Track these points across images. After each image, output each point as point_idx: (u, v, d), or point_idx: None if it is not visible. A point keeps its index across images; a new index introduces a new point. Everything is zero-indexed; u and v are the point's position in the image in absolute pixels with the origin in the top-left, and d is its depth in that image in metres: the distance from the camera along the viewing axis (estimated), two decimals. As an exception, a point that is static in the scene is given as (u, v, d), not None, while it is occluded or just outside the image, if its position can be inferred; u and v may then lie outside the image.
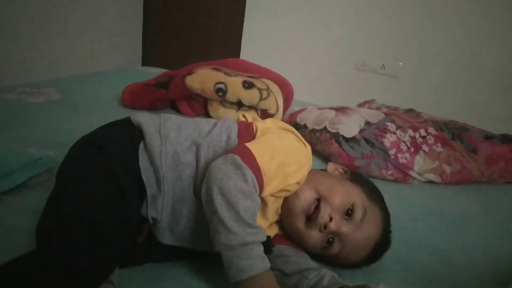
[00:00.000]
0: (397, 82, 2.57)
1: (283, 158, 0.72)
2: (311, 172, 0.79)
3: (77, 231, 0.59)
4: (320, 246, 0.73)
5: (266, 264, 0.62)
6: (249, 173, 0.65)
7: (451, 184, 1.29)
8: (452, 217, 1.09)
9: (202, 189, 0.66)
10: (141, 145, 0.72)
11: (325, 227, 0.71)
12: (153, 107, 1.52)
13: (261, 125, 0.82)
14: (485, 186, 1.32)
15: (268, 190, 0.69)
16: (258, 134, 0.79)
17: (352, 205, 0.73)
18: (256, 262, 0.61)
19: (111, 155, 0.70)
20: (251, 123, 0.83)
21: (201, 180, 0.69)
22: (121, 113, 1.44)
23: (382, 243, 0.76)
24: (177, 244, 0.71)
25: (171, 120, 0.79)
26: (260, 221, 0.72)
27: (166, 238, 0.70)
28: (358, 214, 0.73)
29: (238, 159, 0.66)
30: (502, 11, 2.24)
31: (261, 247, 0.63)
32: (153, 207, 0.68)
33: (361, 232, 0.73)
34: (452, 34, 2.38)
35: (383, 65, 2.59)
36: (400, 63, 2.55)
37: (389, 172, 1.24)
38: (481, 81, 2.37)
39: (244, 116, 0.89)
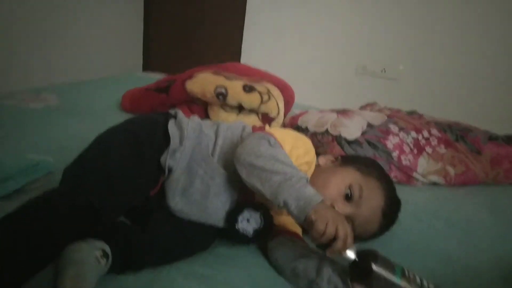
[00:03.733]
0: (398, 86, 2.56)
1: (293, 141, 0.83)
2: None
3: (92, 175, 0.70)
4: None
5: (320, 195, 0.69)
6: (272, 139, 0.77)
7: (455, 185, 1.27)
8: (457, 219, 1.07)
9: (238, 167, 0.74)
10: (172, 119, 0.85)
11: None
12: (153, 112, 1.51)
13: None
14: (489, 187, 1.31)
15: None
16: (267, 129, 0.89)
17: (349, 188, 0.81)
18: (316, 192, 0.68)
19: (141, 124, 0.84)
20: (262, 126, 0.95)
21: (219, 153, 0.81)
22: (121, 119, 1.41)
23: (390, 207, 0.83)
24: (184, 210, 0.77)
25: None
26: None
27: (176, 201, 0.77)
28: (355, 193, 0.80)
29: (259, 133, 0.79)
30: (504, 13, 2.23)
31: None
32: (172, 157, 0.78)
33: (364, 208, 0.80)
34: (454, 37, 2.37)
35: (384, 68, 2.58)
36: (401, 67, 2.54)
37: (393, 174, 1.22)
38: (483, 82, 2.35)
39: None
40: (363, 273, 0.66)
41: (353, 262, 0.67)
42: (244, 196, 0.81)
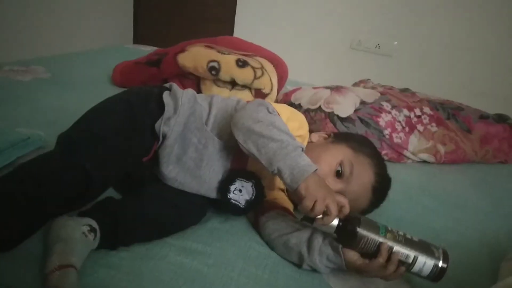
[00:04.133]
0: (392, 62, 2.55)
1: (289, 114, 0.84)
2: None
3: (85, 139, 0.72)
4: None
5: (315, 165, 0.69)
6: (271, 106, 0.77)
7: (445, 163, 1.29)
8: (446, 197, 1.09)
9: (235, 132, 0.73)
10: (166, 91, 0.85)
11: None
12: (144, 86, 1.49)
13: None
14: (478, 165, 1.33)
15: None
16: None
17: (340, 164, 0.82)
18: (310, 161, 0.68)
19: (135, 93, 0.85)
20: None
21: (212, 122, 0.82)
22: (111, 92, 1.39)
23: (380, 184, 0.84)
24: (178, 178, 0.78)
25: None
26: (269, 180, 0.83)
27: (170, 169, 0.78)
28: (346, 170, 0.81)
29: (258, 100, 0.79)
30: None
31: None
32: (167, 123, 0.79)
33: (354, 184, 0.81)
34: (448, 13, 2.35)
35: (378, 44, 2.56)
36: (395, 43, 2.52)
37: (384, 152, 1.23)
38: (477, 60, 2.35)
39: None
40: (349, 237, 0.68)
41: (338, 228, 0.68)
42: (237, 165, 0.81)
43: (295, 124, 0.84)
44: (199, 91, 1.47)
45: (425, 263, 0.67)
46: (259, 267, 0.70)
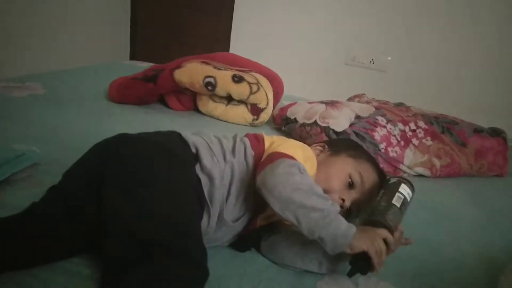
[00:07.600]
0: (386, 77, 2.58)
1: (303, 156, 0.81)
2: None
3: (185, 240, 0.63)
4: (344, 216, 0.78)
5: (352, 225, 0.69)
6: (301, 165, 0.74)
7: (441, 177, 1.29)
8: (442, 210, 1.09)
9: (270, 199, 0.69)
10: (198, 166, 0.76)
11: (341, 207, 0.82)
12: (141, 102, 1.50)
13: (264, 136, 0.88)
14: (474, 179, 1.33)
15: None
16: (266, 143, 0.84)
17: (349, 176, 0.83)
18: (347, 223, 0.69)
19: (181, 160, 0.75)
20: (260, 134, 0.88)
21: (228, 185, 0.77)
22: (108, 108, 1.41)
23: (382, 180, 0.88)
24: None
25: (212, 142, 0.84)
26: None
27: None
28: (357, 180, 0.84)
29: (284, 159, 0.74)
30: (490, 4, 2.25)
31: None
32: (213, 219, 0.74)
33: (367, 189, 0.85)
34: (441, 29, 2.39)
35: (372, 59, 2.59)
36: (389, 58, 2.56)
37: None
38: (470, 75, 2.38)
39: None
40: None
41: None
42: (249, 227, 0.80)
43: (307, 164, 0.81)
44: (195, 106, 1.48)
45: None
46: (253, 284, 0.70)
